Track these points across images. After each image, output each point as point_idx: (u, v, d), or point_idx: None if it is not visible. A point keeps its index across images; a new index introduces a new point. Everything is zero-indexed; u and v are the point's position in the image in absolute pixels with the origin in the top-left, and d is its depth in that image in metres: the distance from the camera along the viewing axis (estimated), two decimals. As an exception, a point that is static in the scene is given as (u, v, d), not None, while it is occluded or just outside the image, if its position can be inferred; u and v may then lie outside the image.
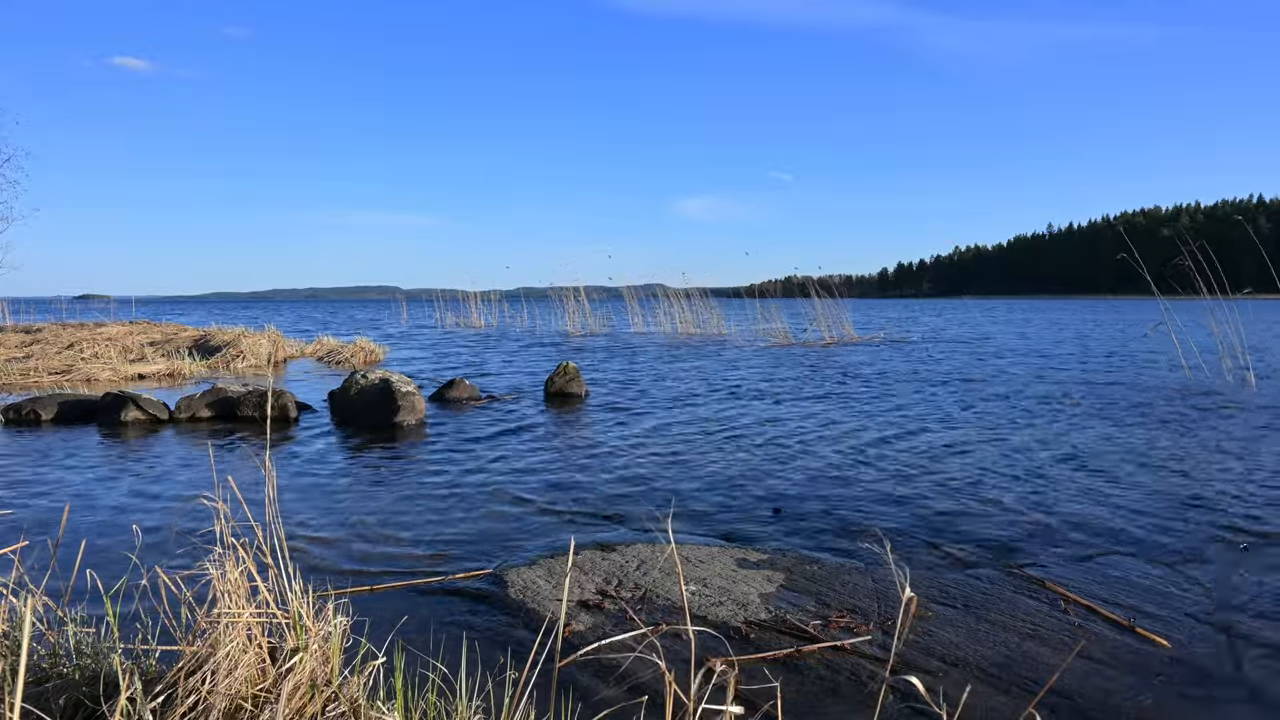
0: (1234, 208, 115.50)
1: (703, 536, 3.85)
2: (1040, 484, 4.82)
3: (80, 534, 3.79)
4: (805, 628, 2.77)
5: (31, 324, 17.58)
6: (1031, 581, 3.22)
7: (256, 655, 1.83)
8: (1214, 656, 2.56)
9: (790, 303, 25.29)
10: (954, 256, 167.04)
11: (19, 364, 11.42)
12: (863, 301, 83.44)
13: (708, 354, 15.39)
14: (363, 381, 7.51)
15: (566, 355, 14.78)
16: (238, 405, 7.43)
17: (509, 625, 2.82)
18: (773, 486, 4.80)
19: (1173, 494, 4.56)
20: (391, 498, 4.56)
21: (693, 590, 3.11)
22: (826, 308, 19.56)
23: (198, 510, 4.19)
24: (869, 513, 4.23)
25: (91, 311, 23.78)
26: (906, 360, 13.69)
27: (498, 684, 2.21)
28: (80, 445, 6.22)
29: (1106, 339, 19.41)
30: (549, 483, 4.92)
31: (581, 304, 25.15)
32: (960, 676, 2.41)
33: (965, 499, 4.49)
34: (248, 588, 1.90)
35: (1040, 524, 4.00)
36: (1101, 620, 2.84)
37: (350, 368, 12.15)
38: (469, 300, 30.99)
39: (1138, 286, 18.79)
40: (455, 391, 8.59)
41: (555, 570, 3.33)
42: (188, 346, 13.52)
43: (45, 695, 1.81)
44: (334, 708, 1.81)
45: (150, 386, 10.32)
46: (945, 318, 36.54)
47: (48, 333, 14.99)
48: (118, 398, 7.27)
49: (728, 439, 6.36)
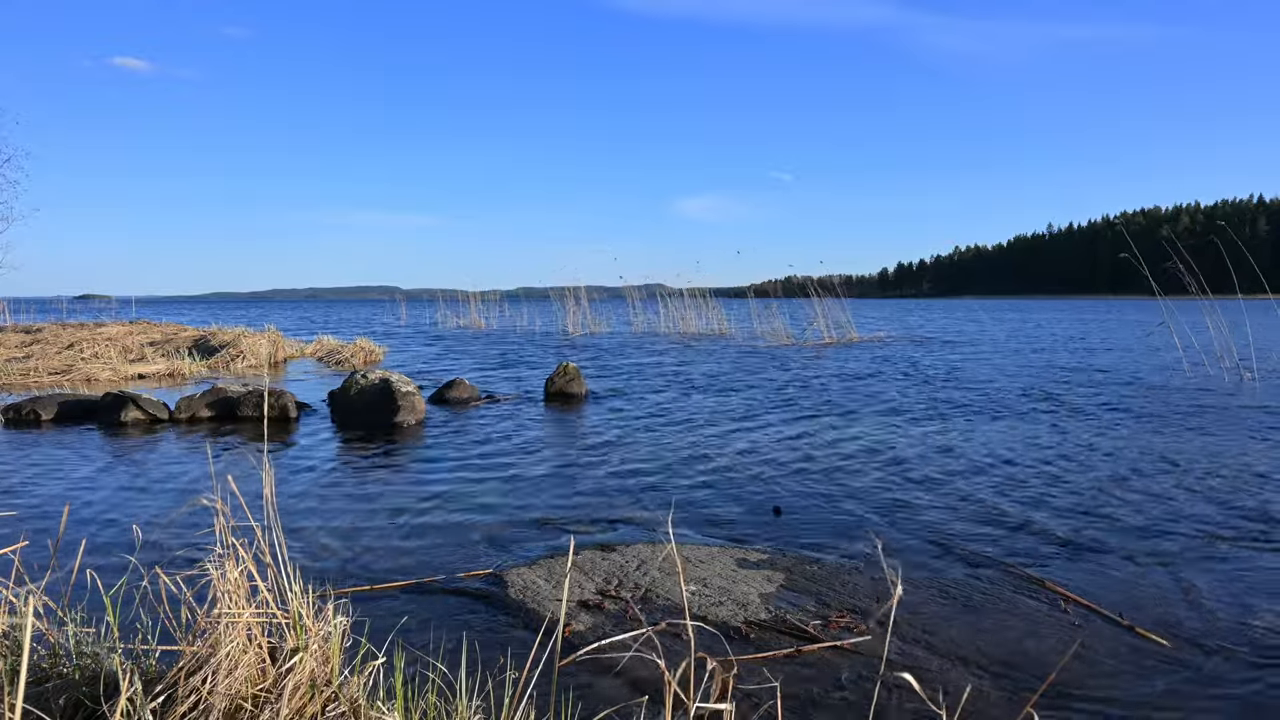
0: (1234, 208, 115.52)
1: (703, 536, 3.85)
2: (1040, 484, 4.82)
3: (80, 534, 3.79)
4: (805, 628, 2.77)
5: (31, 324, 17.58)
6: (1031, 581, 3.22)
7: (256, 655, 1.83)
8: (1213, 656, 2.56)
9: (791, 303, 25.29)
10: (954, 256, 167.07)
11: (19, 364, 11.43)
12: (863, 301, 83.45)
13: (708, 354, 15.39)
14: (363, 381, 7.51)
15: (566, 355, 14.78)
16: (238, 405, 7.43)
17: (509, 625, 2.82)
18: (772, 486, 4.80)
19: (1172, 494, 4.56)
20: (391, 497, 4.56)
21: (693, 590, 3.11)
22: (827, 308, 19.55)
23: (197, 510, 4.19)
24: (869, 513, 4.23)
25: (91, 311, 23.81)
26: (907, 360, 13.69)
27: (498, 684, 2.21)
28: (80, 445, 6.22)
29: (1107, 339, 19.41)
30: (549, 482, 4.92)
31: (582, 304, 25.15)
32: (960, 676, 2.41)
33: (964, 499, 4.49)
34: (248, 588, 1.90)
35: (1040, 524, 4.00)
36: (1101, 620, 2.84)
37: (350, 368, 12.15)
38: (469, 300, 31.01)
39: (1136, 286, 18.75)
40: (455, 391, 8.59)
41: (555, 570, 3.33)
42: (188, 346, 13.52)
43: (45, 695, 1.81)
44: (334, 708, 1.81)
45: (150, 386, 10.32)
46: (945, 318, 36.54)
47: (48, 333, 14.99)
48: (118, 398, 7.27)
49: (728, 439, 6.36)
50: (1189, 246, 11.79)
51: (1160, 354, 13.98)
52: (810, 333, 19.85)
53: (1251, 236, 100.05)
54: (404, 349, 17.42)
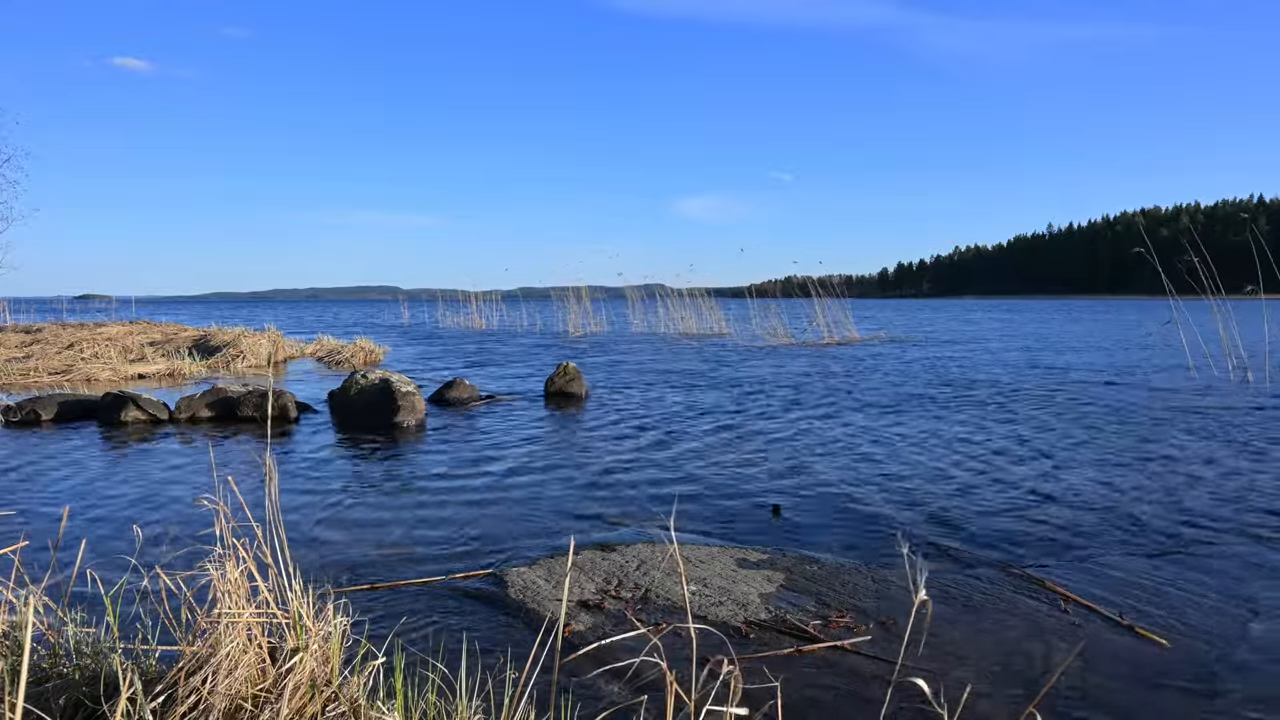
0: (1234, 208, 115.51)
1: (703, 536, 3.85)
2: (1040, 484, 4.82)
3: (80, 534, 3.79)
4: (805, 627, 2.77)
5: (31, 324, 17.58)
6: (1031, 581, 3.22)
7: (257, 655, 1.83)
8: (1213, 656, 2.56)
9: (791, 303, 25.30)
10: (954, 256, 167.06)
11: (19, 364, 11.42)
12: (863, 301, 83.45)
13: (708, 354, 15.39)
14: (363, 381, 7.51)
15: (567, 355, 14.79)
16: (238, 405, 7.43)
17: (509, 625, 2.82)
18: (772, 486, 4.80)
19: (1172, 493, 4.56)
20: (391, 498, 4.56)
21: (693, 590, 3.11)
22: (827, 308, 19.56)
23: (197, 510, 4.19)
24: (869, 513, 4.23)
25: (91, 311, 23.81)
26: (907, 360, 13.69)
27: (498, 684, 2.21)
28: (80, 445, 6.22)
29: (1107, 338, 19.41)
30: (549, 482, 4.92)
31: (583, 304, 25.16)
32: (961, 676, 2.41)
33: (964, 498, 4.49)
34: (248, 588, 1.90)
35: (1040, 524, 4.00)
36: (1101, 620, 2.84)
37: (350, 368, 12.15)
38: (469, 300, 31.02)
39: (1136, 286, 18.77)
40: (455, 391, 8.59)
41: (555, 570, 3.33)
42: (188, 346, 13.52)
43: (45, 695, 1.81)
44: (334, 708, 1.81)
45: (150, 386, 10.32)
46: (946, 318, 36.54)
47: (48, 333, 14.99)
48: (118, 398, 7.27)
49: (728, 438, 6.36)
50: (1189, 246, 11.78)
51: (1162, 352, 13.98)
52: (810, 332, 19.86)
53: (1251, 236, 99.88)
54: (404, 349, 17.42)
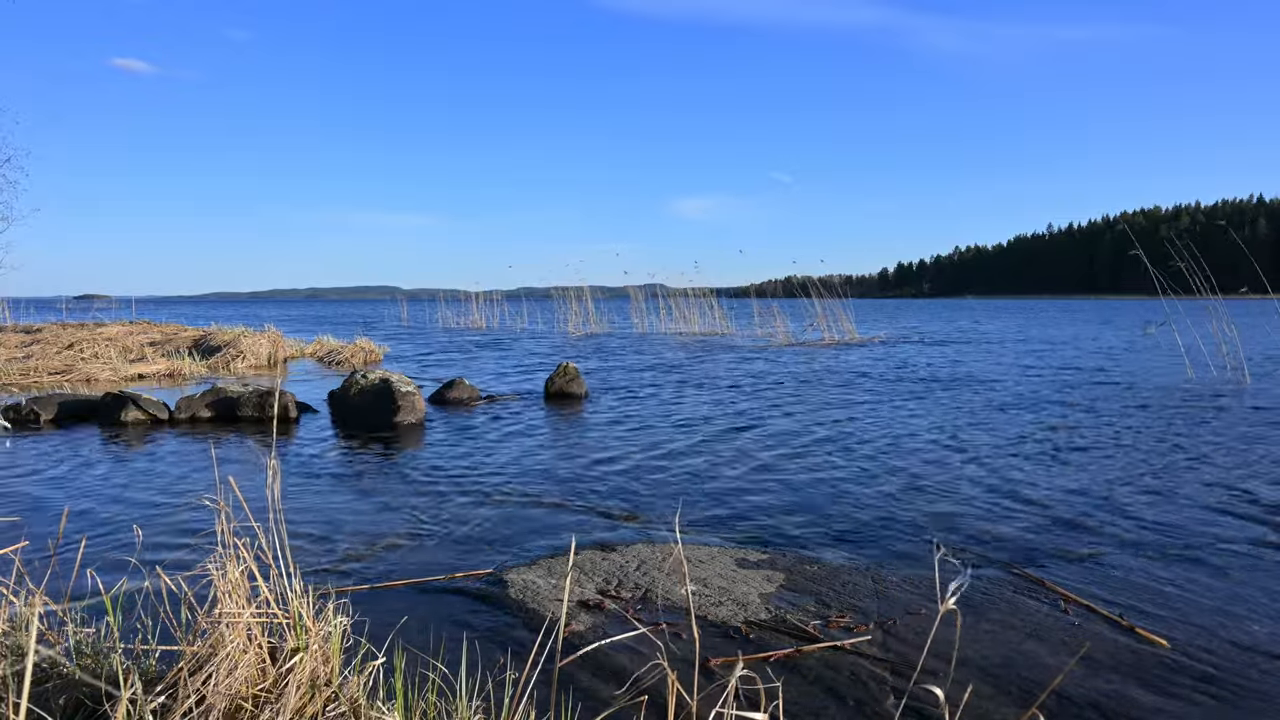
0: (1234, 208, 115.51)
1: (703, 536, 3.85)
2: (1039, 484, 4.81)
3: (80, 534, 3.79)
4: (805, 628, 2.77)
5: (31, 324, 17.58)
6: (1031, 581, 3.22)
7: (257, 655, 1.83)
8: (1213, 657, 2.56)
9: (792, 303, 25.29)
10: (954, 256, 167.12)
11: (19, 364, 11.42)
12: (863, 301, 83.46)
13: (709, 354, 15.39)
14: (362, 381, 7.51)
15: (567, 355, 14.79)
16: (238, 405, 7.43)
17: (509, 625, 2.82)
18: (773, 486, 4.80)
19: (1172, 494, 4.56)
20: (391, 498, 4.56)
21: (693, 590, 3.11)
22: (827, 308, 19.57)
23: (198, 510, 4.19)
24: (870, 512, 4.23)
25: (91, 311, 23.79)
26: (908, 361, 13.69)
27: (498, 684, 2.21)
28: (80, 445, 6.22)
29: (1107, 339, 19.40)
30: (549, 483, 4.92)
31: (584, 304, 25.17)
32: (961, 677, 2.41)
33: (964, 499, 4.49)
34: (248, 588, 1.90)
35: (1040, 524, 4.00)
36: (1101, 620, 2.84)
37: (350, 368, 12.15)
38: (470, 300, 31.04)
39: (1137, 286, 18.73)
40: (455, 392, 8.59)
41: (555, 570, 3.33)
42: (188, 346, 13.52)
43: (46, 695, 1.82)
44: (334, 708, 1.81)
45: (150, 386, 10.32)
46: (946, 318, 36.53)
47: (48, 333, 14.98)
48: (118, 398, 7.27)
49: (728, 439, 6.36)
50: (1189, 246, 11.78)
51: (1161, 353, 13.98)
52: (810, 332, 19.86)
53: (1251, 236, 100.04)
54: (404, 349, 17.42)
